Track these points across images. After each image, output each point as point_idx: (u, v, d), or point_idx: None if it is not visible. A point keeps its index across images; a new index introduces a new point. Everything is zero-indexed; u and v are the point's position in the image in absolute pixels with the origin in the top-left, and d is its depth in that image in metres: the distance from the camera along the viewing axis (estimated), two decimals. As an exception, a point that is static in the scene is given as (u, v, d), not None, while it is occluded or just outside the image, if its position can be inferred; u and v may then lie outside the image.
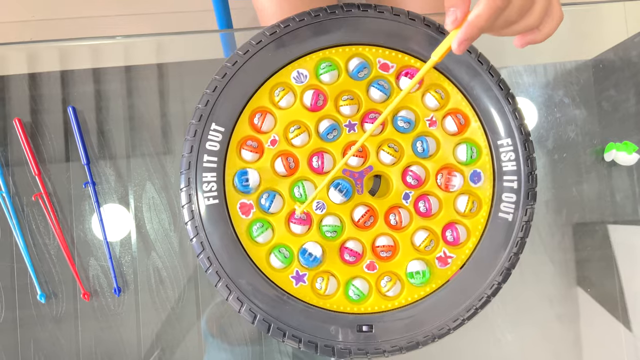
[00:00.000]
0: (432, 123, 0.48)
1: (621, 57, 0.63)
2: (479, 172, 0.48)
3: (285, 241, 0.47)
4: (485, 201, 0.48)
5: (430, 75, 0.49)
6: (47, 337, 0.56)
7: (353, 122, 0.48)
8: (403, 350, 0.46)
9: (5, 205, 0.56)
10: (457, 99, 0.49)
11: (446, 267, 0.48)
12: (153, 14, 1.19)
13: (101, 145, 0.59)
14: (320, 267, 0.47)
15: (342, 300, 0.47)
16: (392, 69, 0.49)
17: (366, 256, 0.47)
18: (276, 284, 0.46)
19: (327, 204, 0.48)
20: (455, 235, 0.48)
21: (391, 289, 0.47)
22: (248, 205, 0.47)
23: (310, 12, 0.48)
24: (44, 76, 0.60)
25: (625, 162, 0.58)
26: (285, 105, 0.48)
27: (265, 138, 0.48)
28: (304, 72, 0.48)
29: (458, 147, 0.48)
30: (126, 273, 0.57)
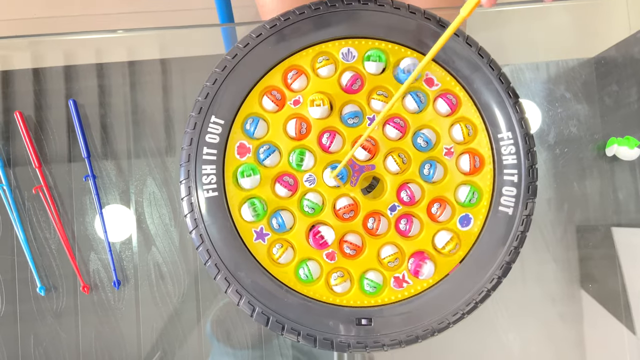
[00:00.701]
0: (449, 153, 0.48)
1: (623, 54, 0.63)
2: (470, 218, 0.48)
3: (263, 197, 0.47)
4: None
5: (462, 102, 0.49)
6: (47, 331, 0.57)
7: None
8: (402, 344, 0.46)
9: (6, 198, 0.57)
10: (483, 141, 0.48)
11: (399, 289, 0.47)
12: (155, 12, 1.19)
13: (103, 141, 0.59)
14: (283, 235, 0.47)
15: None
16: (436, 86, 0.49)
17: (331, 245, 0.47)
18: (275, 276, 0.46)
19: (317, 181, 0.47)
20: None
21: (339, 285, 0.46)
22: (246, 149, 0.47)
23: (311, 5, 0.48)
24: (47, 71, 0.60)
25: (626, 157, 0.58)
26: (326, 74, 0.48)
27: (291, 96, 0.48)
28: (353, 51, 0.48)
29: (461, 187, 0.48)
30: (126, 268, 0.57)
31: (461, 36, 0.48)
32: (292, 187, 0.47)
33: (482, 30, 0.52)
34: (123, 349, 0.57)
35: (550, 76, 0.62)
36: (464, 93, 0.49)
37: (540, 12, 0.65)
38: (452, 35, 0.48)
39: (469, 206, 0.48)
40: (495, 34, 0.62)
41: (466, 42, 0.48)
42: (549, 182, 0.60)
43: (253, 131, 0.47)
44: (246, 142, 0.47)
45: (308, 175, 0.47)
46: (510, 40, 0.64)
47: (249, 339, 0.57)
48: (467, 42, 0.48)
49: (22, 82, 0.60)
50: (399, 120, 0.48)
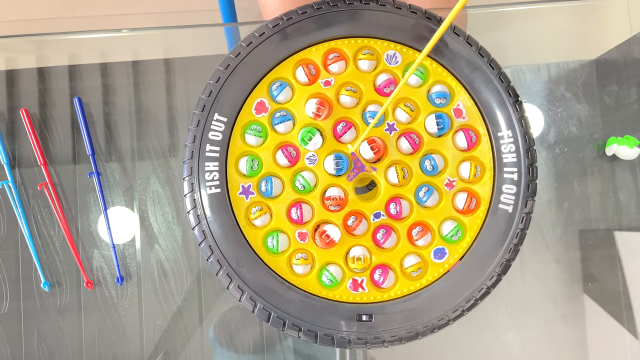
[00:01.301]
0: (450, 185, 0.48)
1: (624, 55, 0.63)
2: (446, 253, 0.48)
3: (262, 158, 0.48)
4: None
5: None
6: (50, 327, 0.57)
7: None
8: (403, 341, 0.46)
9: (11, 195, 0.57)
10: (487, 184, 0.48)
11: (353, 292, 0.47)
12: (159, 13, 1.20)
13: (107, 139, 0.59)
14: (266, 200, 0.47)
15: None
16: (462, 119, 0.49)
17: (304, 227, 0.47)
18: (277, 272, 0.47)
19: (317, 163, 0.48)
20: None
21: (300, 266, 0.47)
22: (264, 108, 0.48)
23: (313, 4, 0.49)
24: (51, 70, 0.61)
25: (626, 157, 0.58)
26: (366, 68, 0.49)
27: (325, 75, 0.49)
28: (398, 56, 0.49)
29: (448, 221, 0.48)
30: (129, 265, 0.58)
31: (462, 35, 0.49)
32: (292, 160, 0.48)
33: (483, 32, 0.52)
34: (126, 346, 0.57)
35: (550, 77, 0.62)
36: (484, 130, 0.49)
37: (541, 14, 0.66)
38: (453, 35, 0.49)
39: (449, 242, 0.48)
40: (496, 36, 0.63)
41: (466, 42, 0.49)
42: (549, 182, 0.60)
43: (277, 94, 0.48)
44: (267, 102, 0.48)
45: (311, 154, 0.48)
46: (511, 42, 0.64)
47: (252, 344, 0.58)
48: (467, 41, 0.49)
49: (26, 81, 0.61)
50: (415, 136, 0.48)
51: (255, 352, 0.58)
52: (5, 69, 0.61)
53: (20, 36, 0.62)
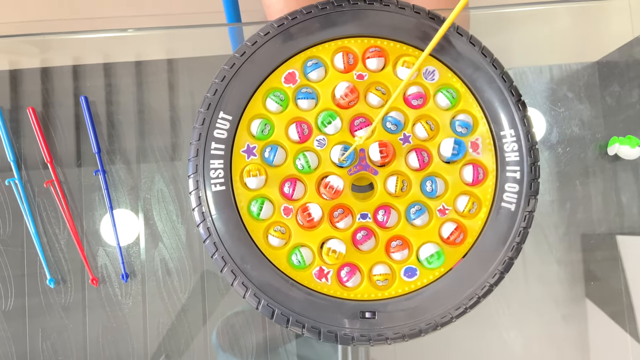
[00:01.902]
0: (442, 212, 0.48)
1: (626, 57, 0.63)
2: (417, 274, 0.48)
3: (275, 124, 0.49)
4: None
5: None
6: (55, 325, 0.57)
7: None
8: (406, 338, 0.46)
9: (18, 192, 0.58)
10: (480, 219, 0.48)
11: (318, 281, 0.47)
12: (163, 15, 1.21)
13: (111, 139, 0.60)
14: (265, 165, 0.48)
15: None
16: (477, 154, 0.49)
17: (292, 203, 0.48)
18: (280, 269, 0.47)
19: (325, 147, 0.48)
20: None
21: (276, 238, 0.47)
22: (294, 80, 0.49)
23: (318, 5, 0.49)
24: (56, 70, 0.61)
25: (628, 156, 0.59)
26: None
27: (360, 68, 0.49)
28: (436, 73, 0.49)
29: (428, 245, 0.48)
30: (133, 263, 0.58)
31: (465, 35, 0.49)
32: (303, 137, 0.48)
33: (485, 34, 0.52)
34: (129, 344, 0.57)
35: (553, 78, 0.63)
36: (493, 167, 0.49)
37: (542, 16, 0.66)
38: (456, 35, 0.49)
39: (422, 265, 0.48)
40: (498, 38, 0.63)
41: (469, 42, 0.49)
42: (551, 183, 0.61)
43: (310, 71, 0.49)
44: (297, 74, 0.49)
45: (322, 137, 0.48)
46: (513, 44, 0.65)
47: (255, 349, 0.58)
48: (471, 41, 0.49)
49: (30, 80, 0.61)
50: (426, 154, 0.48)
51: (258, 357, 0.58)
52: (11, 69, 0.61)
53: (25, 35, 0.63)
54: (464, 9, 0.64)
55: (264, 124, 0.48)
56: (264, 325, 0.58)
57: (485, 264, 0.47)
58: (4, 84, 0.61)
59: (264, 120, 0.48)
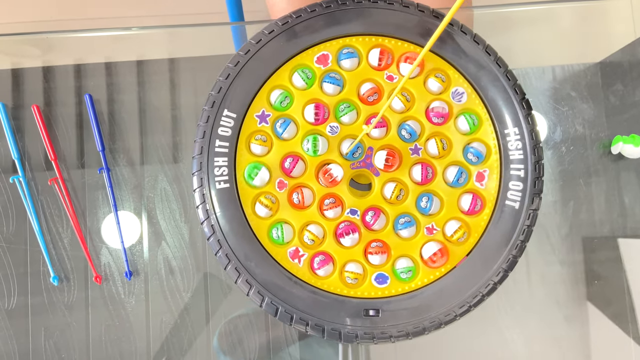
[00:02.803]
0: (430, 231, 0.48)
1: (629, 57, 0.63)
2: (387, 281, 0.48)
3: (294, 97, 0.49)
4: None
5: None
6: (58, 324, 0.57)
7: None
8: (410, 336, 0.46)
9: (22, 190, 0.58)
10: (462, 248, 0.48)
11: (292, 261, 0.47)
12: (167, 16, 1.21)
13: (114, 138, 0.60)
14: (274, 138, 0.48)
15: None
16: (481, 186, 0.49)
17: (287, 179, 0.48)
18: (284, 267, 0.47)
19: (336, 135, 0.49)
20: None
21: (263, 208, 0.47)
22: (326, 62, 0.49)
23: (322, 3, 0.49)
24: (59, 69, 0.62)
25: (631, 155, 0.59)
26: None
27: (392, 70, 0.50)
28: (464, 95, 0.49)
29: (403, 259, 0.48)
30: (137, 262, 0.58)
31: (469, 34, 0.49)
32: (318, 120, 0.49)
33: (489, 34, 0.53)
34: (132, 343, 0.57)
35: (556, 78, 0.63)
36: (487, 215, 0.49)
37: (545, 16, 0.66)
38: (460, 33, 0.49)
39: (396, 274, 0.48)
40: (501, 38, 0.63)
41: (473, 40, 0.49)
42: (555, 182, 0.61)
43: (343, 58, 0.49)
44: (330, 58, 0.49)
45: (336, 125, 0.49)
46: (516, 45, 0.65)
47: (256, 352, 0.58)
48: (475, 40, 0.49)
49: (33, 79, 0.61)
50: (431, 170, 0.49)
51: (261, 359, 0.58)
52: (14, 68, 0.62)
53: (28, 34, 0.63)
54: (468, 8, 0.64)
55: (285, 96, 0.49)
56: (265, 329, 0.58)
57: (489, 262, 0.47)
58: (7, 82, 0.61)
59: (285, 92, 0.49)
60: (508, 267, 0.47)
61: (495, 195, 0.48)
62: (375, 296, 0.47)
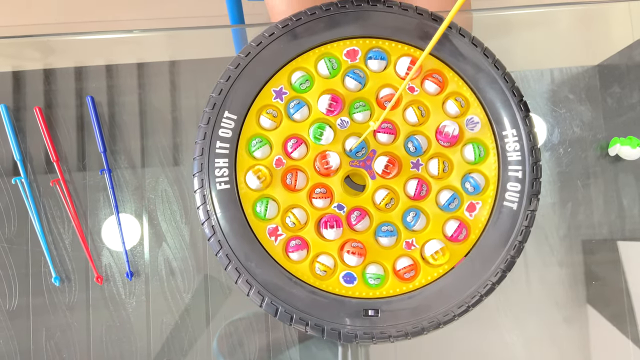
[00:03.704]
0: (408, 246, 0.49)
1: (627, 60, 0.64)
2: (355, 280, 0.48)
3: (312, 81, 0.50)
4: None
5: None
6: (59, 324, 0.58)
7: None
8: (409, 336, 0.46)
9: (24, 191, 0.58)
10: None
11: (269, 238, 0.48)
12: (168, 19, 1.22)
13: (115, 139, 0.60)
14: (285, 116, 0.49)
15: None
16: (358, 54, 0.50)
17: (287, 158, 0.49)
18: (285, 267, 0.47)
19: (345, 129, 0.49)
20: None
21: (255, 179, 0.48)
22: (354, 55, 0.50)
23: (322, 6, 0.50)
24: (60, 72, 0.62)
25: (628, 157, 0.59)
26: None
27: (415, 84, 0.50)
28: (477, 123, 0.50)
29: (373, 265, 0.48)
30: (137, 263, 0.58)
31: (467, 37, 0.50)
32: (331, 111, 0.49)
33: (488, 37, 0.53)
34: (133, 343, 0.58)
35: (554, 81, 0.63)
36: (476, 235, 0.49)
37: (544, 20, 0.67)
38: (458, 36, 0.50)
39: (364, 277, 0.48)
40: (500, 41, 0.64)
41: (472, 43, 0.50)
42: (553, 184, 0.61)
43: (373, 57, 0.50)
44: (360, 54, 0.50)
45: (347, 120, 0.49)
46: (515, 48, 0.65)
47: (257, 356, 0.58)
48: (473, 42, 0.50)
49: (34, 81, 0.62)
50: (425, 187, 0.49)
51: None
52: (15, 70, 0.62)
53: (30, 36, 0.63)
54: (467, 11, 0.64)
55: (306, 79, 0.49)
56: (265, 332, 0.58)
57: (488, 263, 0.48)
58: (7, 84, 0.61)
59: (308, 75, 0.49)
60: (506, 267, 0.47)
61: (494, 196, 0.49)
62: (375, 296, 0.47)
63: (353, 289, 0.48)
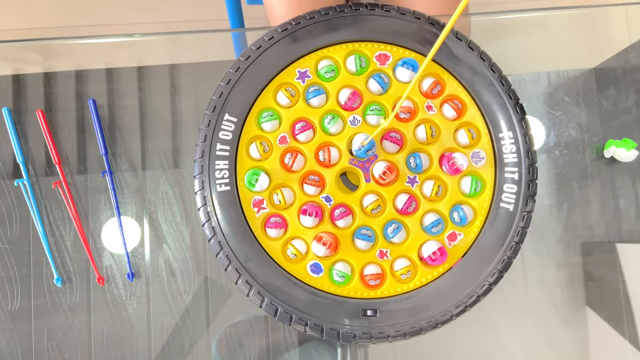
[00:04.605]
0: (381, 255, 0.49)
1: (623, 63, 0.64)
2: (321, 270, 0.49)
3: (338, 72, 0.51)
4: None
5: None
6: (60, 325, 0.58)
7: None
8: (407, 336, 0.47)
9: (26, 193, 0.59)
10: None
11: (256, 212, 0.49)
12: (169, 22, 1.23)
13: (116, 142, 0.61)
14: (303, 103, 0.50)
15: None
16: (457, 237, 0.50)
17: (289, 140, 0.50)
18: (284, 268, 0.48)
19: (357, 126, 0.50)
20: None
21: (256, 150, 0.49)
22: (386, 58, 0.51)
23: (321, 10, 0.50)
24: (60, 75, 0.62)
25: (624, 159, 0.60)
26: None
27: (432, 103, 0.51)
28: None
29: (342, 263, 0.49)
30: (138, 264, 0.59)
31: (464, 40, 0.50)
32: (347, 107, 0.50)
33: (485, 41, 0.54)
34: (133, 344, 0.58)
35: (550, 84, 0.64)
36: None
37: (541, 23, 0.67)
38: (455, 40, 0.50)
39: (331, 272, 0.49)
40: (497, 44, 0.64)
41: (468, 46, 0.50)
42: (549, 186, 0.61)
43: (404, 65, 0.50)
44: (390, 59, 0.51)
45: (359, 118, 0.50)
46: (512, 51, 0.66)
47: (256, 357, 0.58)
48: (469, 46, 0.50)
49: (34, 85, 0.62)
50: (414, 204, 0.49)
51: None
52: (16, 74, 0.63)
53: (31, 40, 0.64)
54: (465, 15, 0.65)
55: (332, 69, 0.50)
56: (265, 335, 0.58)
57: (485, 263, 0.48)
58: (8, 88, 0.62)
59: (335, 66, 0.50)
60: (503, 268, 0.48)
61: (490, 197, 0.49)
62: (373, 296, 0.48)
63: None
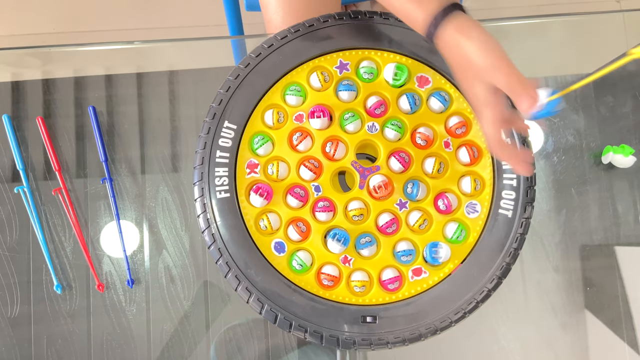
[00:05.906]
0: (344, 261, 0.50)
1: (620, 70, 0.65)
2: (284, 248, 0.49)
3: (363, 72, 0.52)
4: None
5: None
6: (60, 331, 0.58)
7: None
8: (406, 342, 0.47)
9: (26, 200, 0.59)
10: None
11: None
12: (168, 28, 1.23)
13: (115, 148, 0.61)
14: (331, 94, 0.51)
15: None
16: (428, 84, 0.52)
17: (304, 119, 0.51)
18: (283, 275, 0.48)
19: (374, 133, 0.51)
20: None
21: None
22: (426, 81, 0.52)
23: (320, 18, 0.51)
24: (60, 82, 0.63)
25: (621, 165, 0.60)
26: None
27: (444, 137, 0.52)
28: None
29: (302, 252, 0.49)
30: (138, 270, 0.59)
31: None
32: (374, 111, 0.51)
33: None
34: (133, 350, 0.58)
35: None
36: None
37: (539, 29, 0.68)
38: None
39: (291, 258, 0.49)
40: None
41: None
42: (548, 191, 0.62)
43: (436, 97, 0.51)
44: (430, 83, 0.52)
45: (377, 127, 0.51)
46: (511, 57, 0.66)
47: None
48: None
49: (34, 91, 0.62)
50: (395, 227, 0.50)
51: None
52: (16, 80, 0.63)
53: (31, 47, 0.64)
54: None
55: (371, 71, 0.51)
56: (264, 338, 0.59)
57: (484, 270, 0.48)
58: (7, 95, 0.62)
59: (375, 70, 0.51)
60: (502, 274, 0.48)
61: (489, 203, 0.50)
62: (373, 303, 0.48)
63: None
